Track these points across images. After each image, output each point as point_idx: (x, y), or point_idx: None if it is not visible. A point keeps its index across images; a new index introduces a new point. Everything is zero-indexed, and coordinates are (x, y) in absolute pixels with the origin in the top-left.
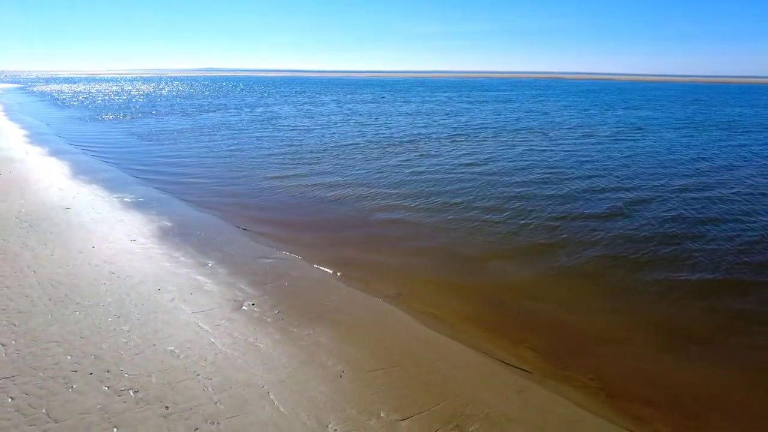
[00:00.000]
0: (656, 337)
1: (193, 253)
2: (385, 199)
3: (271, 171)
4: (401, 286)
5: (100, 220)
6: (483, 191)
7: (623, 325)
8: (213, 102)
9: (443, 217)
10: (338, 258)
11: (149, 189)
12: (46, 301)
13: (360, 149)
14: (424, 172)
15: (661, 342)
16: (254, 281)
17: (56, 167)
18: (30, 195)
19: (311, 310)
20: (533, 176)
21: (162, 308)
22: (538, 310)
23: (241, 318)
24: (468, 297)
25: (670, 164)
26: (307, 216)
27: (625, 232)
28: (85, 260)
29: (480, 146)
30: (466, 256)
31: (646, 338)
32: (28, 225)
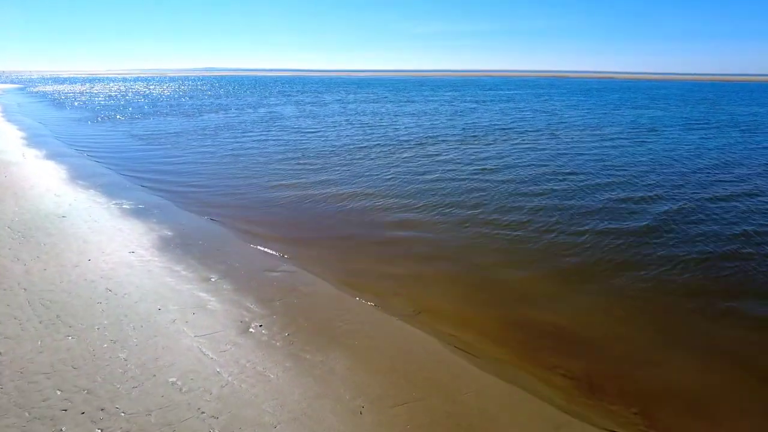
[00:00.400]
0: (698, 360)
1: (195, 266)
2: (395, 206)
3: (275, 176)
4: (418, 302)
5: (98, 229)
6: (500, 199)
7: (659, 346)
8: (214, 102)
9: (459, 227)
10: (349, 270)
11: (149, 194)
12: (36, 324)
13: (367, 152)
14: (435, 178)
15: (703, 366)
16: (261, 298)
17: (53, 171)
18: (24, 202)
19: (323, 332)
20: (551, 182)
21: (162, 331)
22: (566, 330)
23: (248, 342)
24: (491, 315)
25: (683, 164)
26: (314, 224)
27: (655, 245)
28: (80, 275)
29: (491, 148)
30: (485, 270)
31: (685, 361)
32: (21, 235)
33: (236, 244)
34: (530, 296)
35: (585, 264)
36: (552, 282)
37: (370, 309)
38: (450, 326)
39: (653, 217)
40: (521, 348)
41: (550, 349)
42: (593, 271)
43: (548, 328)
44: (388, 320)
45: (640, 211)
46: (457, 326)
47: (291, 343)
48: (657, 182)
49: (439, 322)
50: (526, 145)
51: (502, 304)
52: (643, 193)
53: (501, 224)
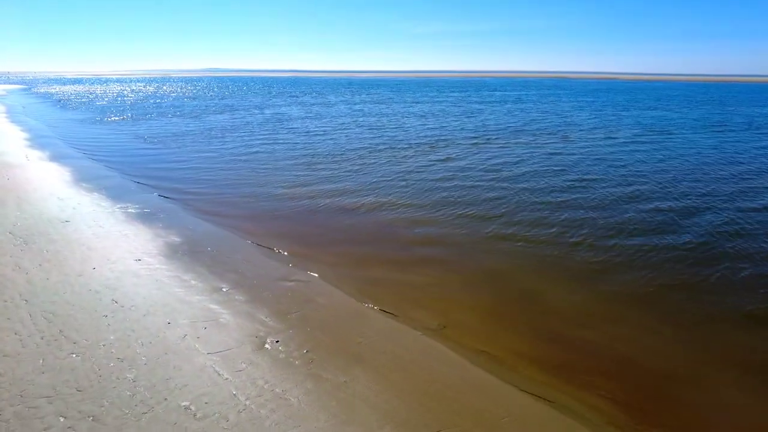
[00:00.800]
0: (751, 386)
1: (205, 274)
2: (411, 212)
3: (285, 178)
4: (441, 314)
5: (102, 235)
6: (520, 202)
7: (700, 361)
8: (219, 103)
9: (481, 236)
10: (366, 278)
11: (155, 198)
12: (38, 341)
13: (378, 154)
14: (452, 183)
15: (757, 391)
16: (276, 310)
17: (57, 174)
18: (27, 206)
19: (344, 349)
20: (573, 189)
21: (173, 348)
22: (599, 344)
23: (264, 360)
24: (519, 329)
25: (709, 169)
26: (328, 229)
27: (686, 250)
28: (84, 285)
29: (504, 150)
30: (510, 279)
31: (728, 377)
32: (22, 241)
33: (246, 250)
34: (561, 311)
35: (618, 279)
36: (584, 296)
37: (392, 322)
38: (478, 342)
39: (687, 227)
40: (557, 366)
41: (588, 367)
42: (626, 285)
43: (582, 344)
44: (412, 335)
45: (672, 221)
46: (485, 342)
47: (310, 362)
48: (685, 189)
49: (466, 336)
50: (540, 149)
51: (531, 318)
52: (672, 201)
53: (526, 234)
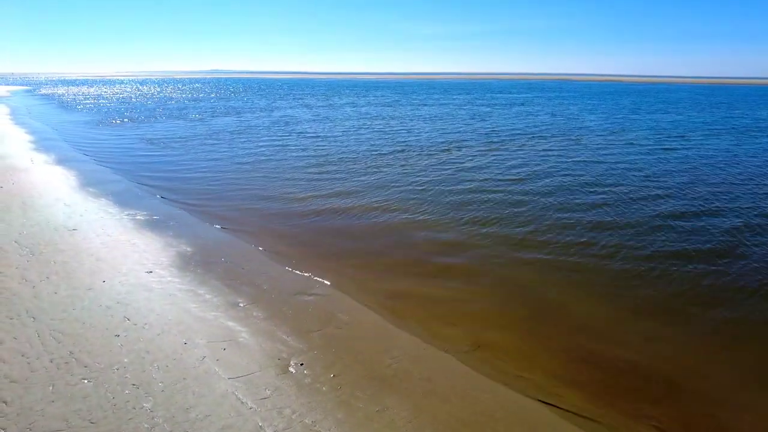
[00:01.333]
0: None
1: (220, 288)
2: (431, 220)
3: (295, 183)
4: (471, 333)
5: (111, 244)
6: (543, 210)
7: (747, 384)
8: (225, 105)
9: (502, 241)
10: (388, 292)
11: (163, 204)
12: (47, 364)
13: (391, 159)
14: (470, 188)
15: None
16: (297, 328)
17: (62, 178)
18: (33, 213)
19: (373, 373)
20: (595, 192)
21: (191, 372)
22: (638, 364)
23: (289, 386)
24: (553, 348)
25: (742, 177)
26: (343, 237)
27: (725, 263)
28: (94, 300)
29: (520, 155)
30: (538, 292)
31: None
32: (29, 251)
33: (261, 261)
34: (594, 327)
35: (652, 293)
36: (617, 311)
37: (421, 342)
38: (513, 365)
39: (720, 236)
40: (598, 391)
41: (632, 391)
42: (662, 300)
43: (621, 364)
44: (444, 358)
45: (703, 230)
46: (521, 365)
47: (339, 387)
48: (707, 194)
49: (501, 359)
50: (554, 152)
51: (565, 336)
52: (697, 207)
53: (551, 244)
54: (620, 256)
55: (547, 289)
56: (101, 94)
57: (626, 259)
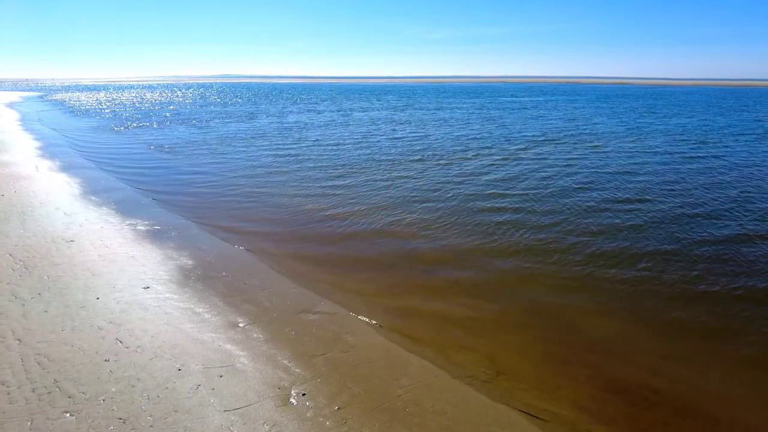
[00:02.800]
0: None
1: (220, 306)
2: (439, 229)
3: (305, 193)
4: (488, 358)
5: (109, 257)
6: (563, 222)
7: None
8: (236, 110)
9: (515, 254)
10: (397, 310)
11: (166, 213)
12: (28, 394)
13: (403, 168)
14: (483, 193)
15: None
16: (300, 352)
17: (65, 186)
18: (31, 223)
19: (381, 406)
20: (621, 200)
21: (184, 404)
22: (672, 396)
23: (290, 420)
24: (578, 377)
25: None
26: (351, 250)
27: None
28: (86, 320)
29: (536, 163)
30: (555, 311)
31: None
32: (22, 265)
33: (264, 276)
34: (620, 353)
35: (686, 315)
36: (644, 334)
37: (434, 369)
38: (537, 396)
39: None
40: (630, 427)
41: (664, 426)
42: (695, 322)
43: (649, 395)
44: (459, 387)
45: (751, 242)
46: (544, 396)
47: (344, 422)
48: (748, 211)
49: (522, 389)
50: (579, 159)
51: (589, 362)
52: (738, 228)
53: (571, 259)
54: (648, 272)
55: (561, 308)
56: (112, 99)
57: (656, 280)
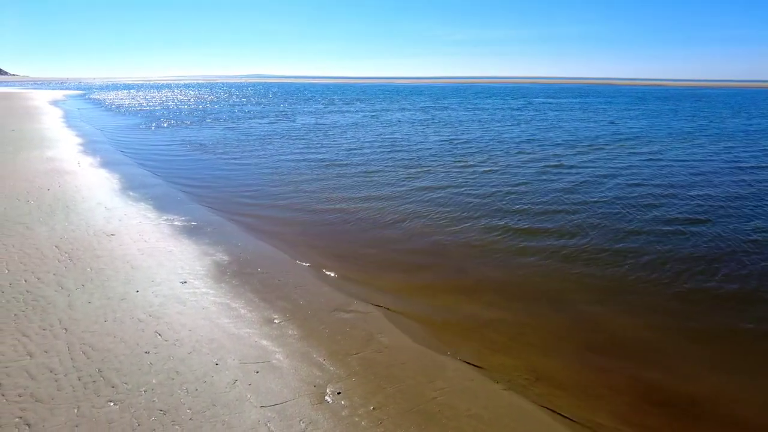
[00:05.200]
0: None
1: (255, 302)
2: (476, 233)
3: (339, 192)
4: (527, 363)
5: (147, 251)
6: (602, 225)
7: None
8: (270, 109)
9: (556, 257)
10: (431, 310)
11: (202, 209)
12: (74, 382)
13: (442, 167)
14: (525, 197)
15: None
16: (334, 351)
17: (105, 181)
18: (75, 216)
19: (416, 407)
20: (681, 206)
21: (222, 398)
22: (716, 408)
23: (326, 418)
24: (618, 385)
25: None
26: (383, 250)
27: None
28: (126, 312)
29: (587, 166)
30: (594, 317)
31: None
32: (67, 257)
33: (298, 273)
34: (658, 359)
35: (737, 322)
36: (691, 341)
37: (470, 372)
38: (575, 404)
39: None
40: None
41: None
42: (732, 328)
43: (693, 407)
44: (497, 393)
45: None
46: (584, 404)
47: (379, 422)
48: None
49: (560, 396)
50: (620, 164)
51: (626, 368)
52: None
53: (611, 262)
54: (684, 279)
55: (599, 314)
56: (148, 97)
57: (690, 283)
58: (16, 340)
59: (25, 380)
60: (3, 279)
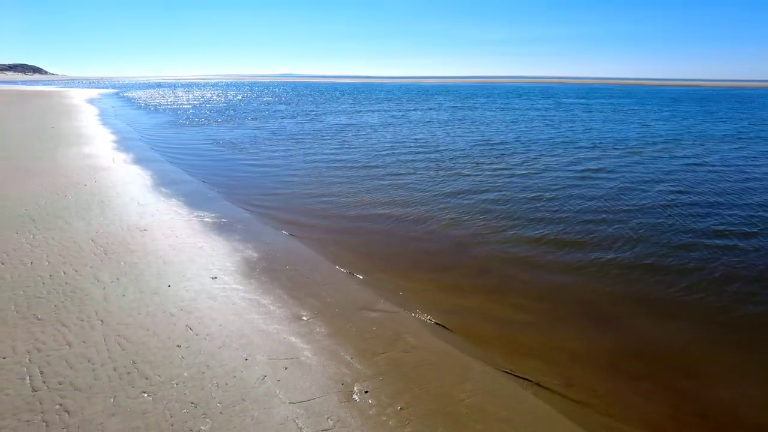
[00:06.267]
0: None
1: (284, 299)
2: (509, 233)
3: (369, 191)
4: (557, 367)
5: (179, 246)
6: (643, 231)
7: None
8: (300, 108)
9: (591, 263)
10: (459, 311)
11: (231, 206)
12: (110, 372)
13: (475, 167)
14: (558, 201)
15: None
16: (361, 349)
17: (138, 178)
18: (110, 211)
19: (444, 409)
20: (713, 215)
21: (251, 393)
22: (756, 419)
23: (353, 416)
24: (651, 394)
25: None
26: (411, 250)
27: None
28: (159, 306)
29: (619, 170)
30: (628, 324)
31: None
32: (102, 251)
33: (326, 271)
34: (700, 369)
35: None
36: (733, 352)
37: (498, 375)
38: (608, 412)
39: None
40: None
41: None
42: None
43: (735, 421)
44: (526, 397)
45: None
46: (616, 412)
47: (407, 423)
48: None
49: (592, 403)
50: (672, 168)
51: (665, 379)
52: None
53: (646, 264)
54: (729, 291)
55: (635, 318)
56: (179, 96)
57: (735, 295)
58: (56, 330)
59: (64, 369)
60: (44, 271)
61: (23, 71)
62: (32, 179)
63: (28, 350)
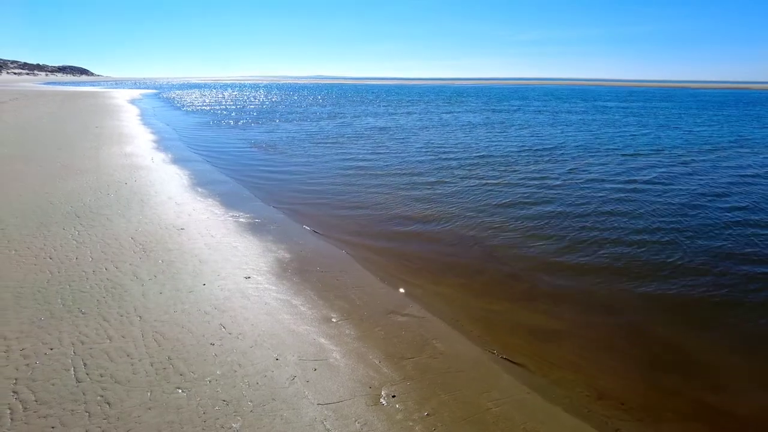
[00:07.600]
0: None
1: (314, 300)
2: (543, 241)
3: (401, 195)
4: (588, 379)
5: (214, 246)
6: (682, 236)
7: None
8: (334, 110)
9: (622, 271)
10: (488, 319)
11: (266, 207)
12: (147, 367)
13: (521, 168)
14: (594, 205)
15: None
16: (389, 353)
17: (176, 177)
18: (148, 210)
19: (471, 417)
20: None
21: (281, 393)
22: None
23: (380, 420)
24: (687, 412)
25: None
26: (442, 254)
27: None
28: (194, 304)
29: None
30: (663, 336)
31: None
32: (141, 249)
33: (356, 273)
34: (739, 386)
35: None
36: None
37: (526, 384)
38: (640, 427)
39: None
40: None
41: None
42: None
43: None
44: (555, 409)
45: None
46: (648, 427)
47: (433, 429)
48: None
49: (623, 418)
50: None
51: (701, 395)
52: None
53: (684, 278)
54: None
55: (671, 331)
56: (216, 97)
57: None
58: (98, 324)
59: (105, 362)
60: (88, 266)
61: (71, 72)
62: (78, 177)
63: (73, 342)
